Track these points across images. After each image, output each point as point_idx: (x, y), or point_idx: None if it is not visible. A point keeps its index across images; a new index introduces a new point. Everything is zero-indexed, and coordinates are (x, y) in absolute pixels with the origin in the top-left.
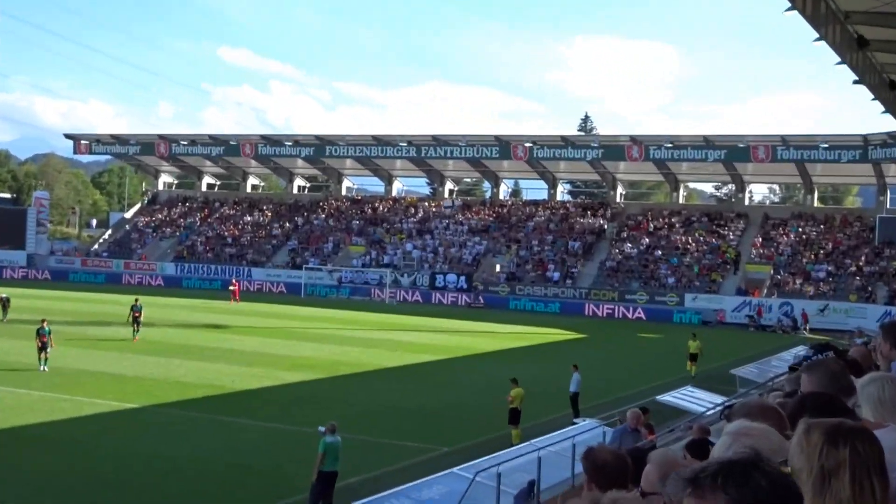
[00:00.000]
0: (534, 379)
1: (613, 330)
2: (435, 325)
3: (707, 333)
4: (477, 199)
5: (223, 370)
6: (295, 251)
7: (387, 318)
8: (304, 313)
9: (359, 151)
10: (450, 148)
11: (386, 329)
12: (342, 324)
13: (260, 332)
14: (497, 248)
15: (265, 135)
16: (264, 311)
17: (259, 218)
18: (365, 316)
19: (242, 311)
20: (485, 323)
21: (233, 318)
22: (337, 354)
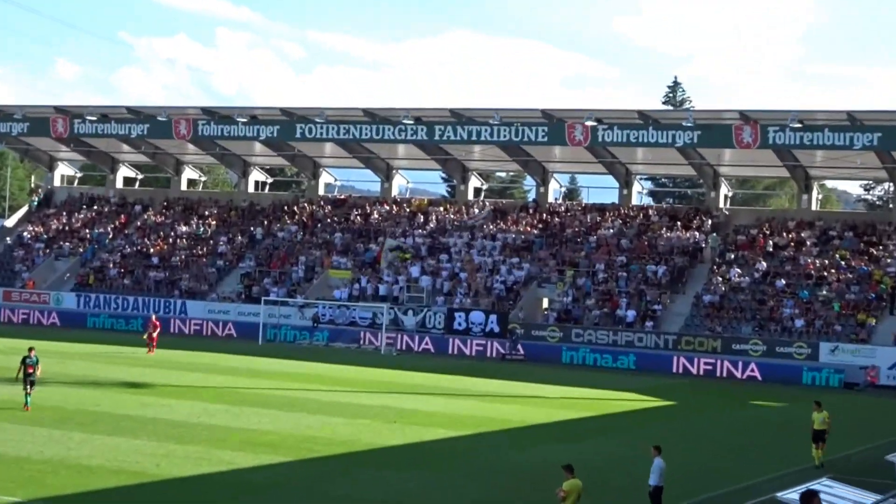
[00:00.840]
0: (597, 466)
1: (714, 395)
2: (453, 386)
3: (852, 401)
4: (515, 202)
5: (144, 449)
6: (250, 276)
7: (383, 374)
8: (263, 367)
9: (344, 132)
10: (476, 128)
11: (382, 391)
12: (318, 383)
13: (198, 393)
14: (545, 273)
15: (208, 107)
16: (204, 364)
17: (199, 228)
18: (351, 372)
19: (173, 364)
20: (526, 383)
21: (159, 374)
22: (310, 427)
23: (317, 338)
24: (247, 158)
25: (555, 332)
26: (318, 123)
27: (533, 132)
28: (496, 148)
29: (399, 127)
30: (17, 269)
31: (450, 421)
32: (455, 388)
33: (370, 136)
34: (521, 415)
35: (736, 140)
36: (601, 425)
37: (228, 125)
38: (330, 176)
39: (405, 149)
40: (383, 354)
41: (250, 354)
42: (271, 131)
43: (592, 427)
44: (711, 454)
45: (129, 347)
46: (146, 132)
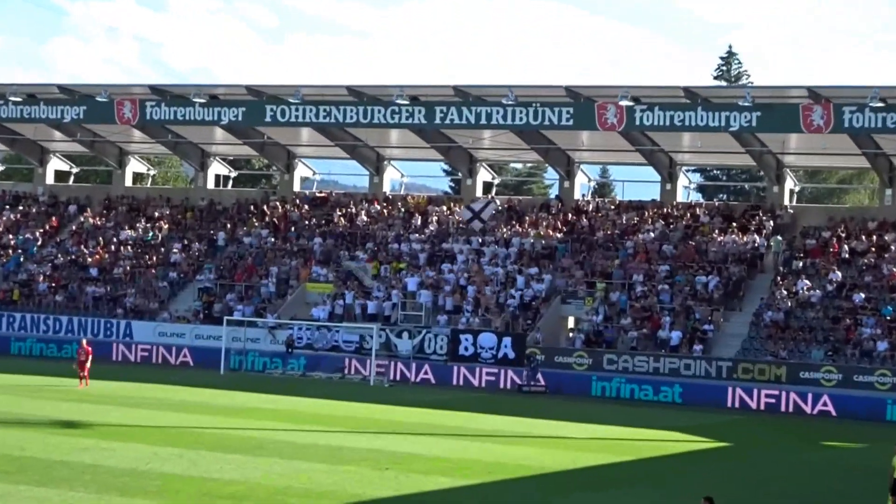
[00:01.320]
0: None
1: (777, 434)
2: (458, 425)
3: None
4: (534, 199)
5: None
6: (210, 291)
7: (372, 410)
8: (226, 402)
9: (324, 115)
10: (486, 109)
11: (371, 431)
12: (293, 421)
13: (146, 434)
14: (570, 287)
15: (158, 85)
16: (154, 399)
17: (147, 233)
18: (333, 407)
19: (115, 399)
20: (547, 421)
21: (98, 411)
22: (283, 476)
23: (291, 366)
24: (206, 148)
25: (583, 358)
26: (293, 105)
27: (555, 114)
28: (510, 134)
29: (391, 108)
30: None
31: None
32: (461, 428)
33: (356, 119)
34: (541, 459)
35: (804, 123)
36: (639, 472)
37: (183, 107)
38: (307, 169)
39: (399, 135)
40: (373, 386)
41: (210, 386)
42: (235, 114)
43: (628, 474)
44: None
45: (63, 379)
46: (82, 116)
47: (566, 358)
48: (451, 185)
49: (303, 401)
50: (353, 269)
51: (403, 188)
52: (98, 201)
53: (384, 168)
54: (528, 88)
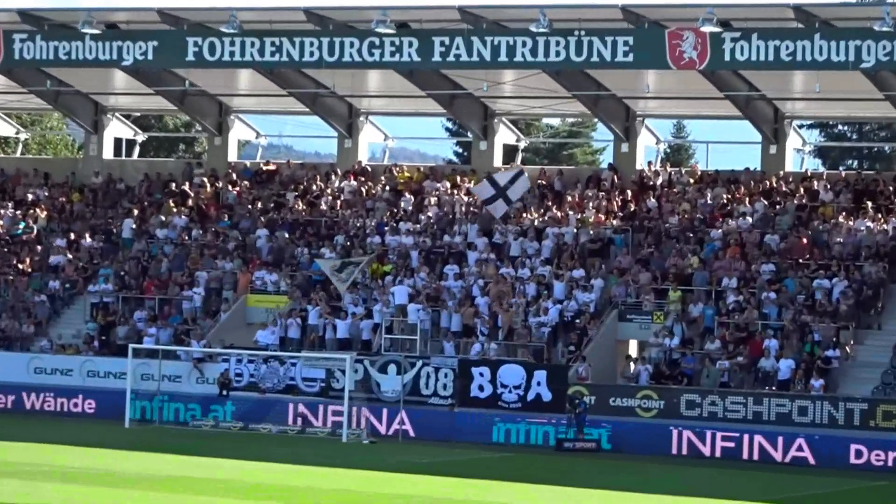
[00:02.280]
0: None
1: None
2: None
3: None
4: (579, 170)
5: None
6: (108, 309)
7: (345, 480)
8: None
9: (272, 51)
10: (506, 40)
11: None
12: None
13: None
14: (631, 296)
15: (30, 9)
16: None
17: (16, 224)
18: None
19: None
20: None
21: None
22: None
23: (228, 415)
24: (100, 100)
25: (650, 399)
26: (227, 36)
27: (608, 46)
28: (543, 75)
29: (369, 40)
30: None
31: None
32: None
33: (318, 56)
34: None
35: None
36: None
37: (68, 41)
38: (248, 129)
39: (381, 79)
40: (346, 443)
41: (109, 446)
42: (143, 51)
43: None
44: None
45: None
46: None
47: (626, 400)
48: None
49: (242, 465)
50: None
51: (388, 156)
52: None
53: (360, 127)
54: (568, 10)
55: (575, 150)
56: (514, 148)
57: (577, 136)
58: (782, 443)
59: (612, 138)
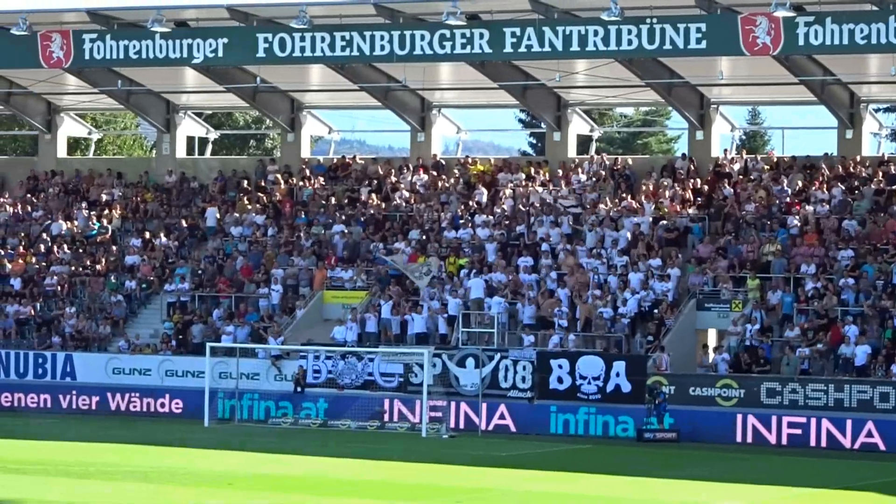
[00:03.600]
0: None
1: None
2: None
3: None
4: (653, 159)
5: None
6: (185, 308)
7: (427, 474)
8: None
9: (342, 45)
10: (578, 29)
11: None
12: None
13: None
14: (708, 285)
15: (99, 9)
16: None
17: (90, 225)
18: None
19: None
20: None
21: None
22: None
23: (306, 412)
24: (172, 99)
25: (730, 388)
26: (297, 31)
27: (680, 34)
28: (616, 64)
29: (440, 32)
30: None
31: None
32: (556, 495)
33: (389, 50)
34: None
35: None
36: None
37: (138, 40)
38: (320, 125)
39: (452, 71)
40: (426, 438)
41: (190, 445)
42: (214, 49)
43: None
44: None
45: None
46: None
47: (706, 389)
48: (532, 142)
49: (323, 461)
50: (402, 266)
51: (461, 149)
52: (18, 181)
53: (432, 120)
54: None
55: (649, 139)
56: (588, 138)
57: (652, 124)
58: (863, 428)
59: (686, 126)
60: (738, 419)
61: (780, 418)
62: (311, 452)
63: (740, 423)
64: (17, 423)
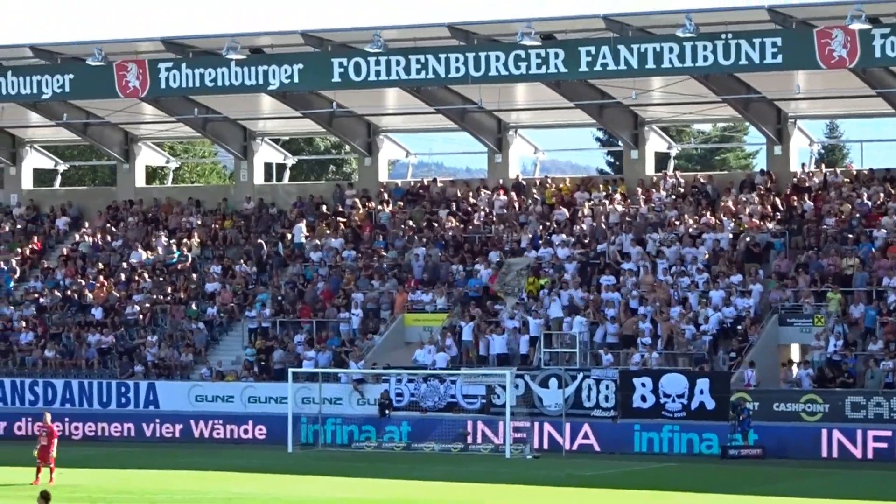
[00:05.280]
0: None
1: None
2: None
3: None
4: (732, 174)
5: None
6: (266, 334)
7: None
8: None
9: (418, 69)
10: (653, 46)
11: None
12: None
13: None
14: (789, 300)
15: (174, 38)
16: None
17: (171, 253)
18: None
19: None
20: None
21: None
22: None
23: (389, 435)
24: (249, 126)
25: (815, 403)
26: (372, 56)
27: (755, 49)
28: (692, 80)
29: (515, 53)
30: None
31: None
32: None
33: (464, 72)
34: None
35: None
36: None
37: (213, 68)
38: (397, 148)
39: (528, 92)
40: (510, 459)
41: (274, 470)
42: (289, 74)
43: None
44: None
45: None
46: (69, 88)
47: (790, 405)
48: (610, 160)
49: (407, 484)
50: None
51: (539, 169)
52: (98, 211)
53: (509, 141)
54: (712, 13)
55: (727, 154)
56: (666, 155)
57: (729, 140)
58: None
59: (764, 141)
60: (823, 434)
61: (865, 432)
62: (396, 476)
63: (825, 438)
64: (101, 453)
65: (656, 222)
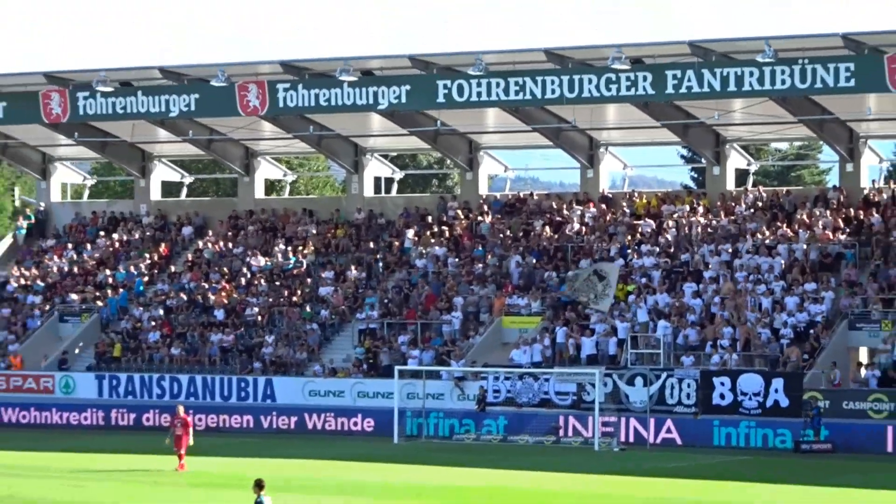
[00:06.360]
0: None
1: None
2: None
3: None
4: (806, 190)
5: None
6: (374, 334)
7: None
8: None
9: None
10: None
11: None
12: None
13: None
14: (859, 307)
15: (292, 61)
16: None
17: (287, 259)
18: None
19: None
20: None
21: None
22: None
23: (487, 429)
24: (359, 142)
25: (881, 402)
26: (474, 78)
27: (830, 73)
28: (770, 103)
29: (606, 76)
30: (1, 338)
31: None
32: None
33: (559, 93)
34: None
35: None
36: None
37: (327, 89)
38: (496, 163)
39: (618, 112)
40: (598, 451)
41: (382, 460)
42: (397, 95)
43: None
44: None
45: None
46: (194, 107)
47: (858, 403)
48: (693, 176)
49: (504, 474)
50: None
51: (627, 184)
52: (220, 220)
53: (600, 158)
54: (790, 40)
55: (802, 171)
56: (746, 171)
57: (804, 158)
58: None
59: (837, 159)
60: (889, 431)
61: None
62: (493, 466)
63: (891, 434)
64: (222, 443)
65: (736, 234)
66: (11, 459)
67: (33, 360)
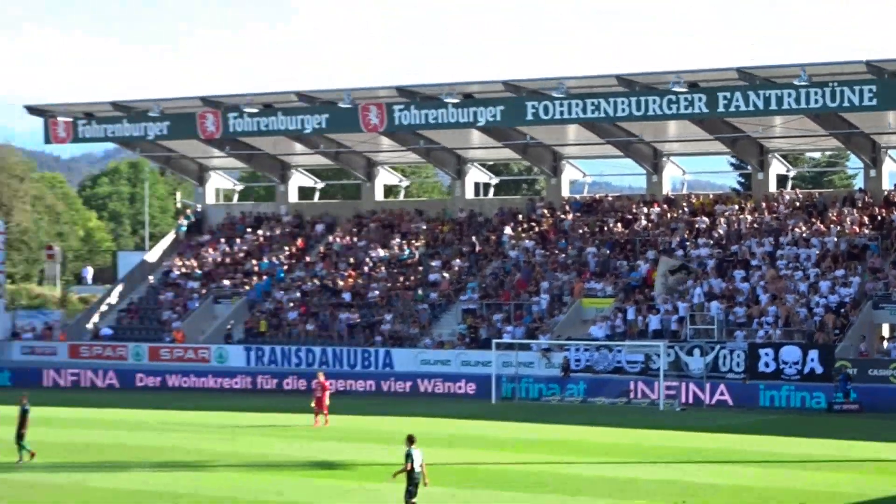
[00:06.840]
0: None
1: None
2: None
3: None
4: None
5: None
6: (475, 313)
7: (663, 437)
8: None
9: (592, 109)
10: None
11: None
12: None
13: None
14: (881, 290)
15: (406, 86)
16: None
17: (402, 251)
18: (619, 436)
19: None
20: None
21: (356, 450)
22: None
23: (569, 392)
24: (462, 153)
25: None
26: (557, 100)
27: (856, 94)
28: (805, 119)
29: (668, 97)
30: (166, 317)
31: (761, 498)
32: (764, 454)
33: (628, 112)
34: (859, 485)
35: None
36: None
37: (435, 109)
38: (576, 170)
39: (678, 127)
40: (662, 411)
41: (481, 417)
42: (493, 114)
43: None
44: None
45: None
46: (325, 125)
47: (881, 370)
48: (741, 180)
49: (584, 430)
50: (673, 268)
51: (686, 187)
52: (347, 219)
53: (663, 165)
54: (822, 66)
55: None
56: (785, 177)
57: (834, 165)
58: None
59: (862, 166)
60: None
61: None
62: (575, 423)
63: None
64: (350, 404)
65: (777, 229)
66: (176, 417)
67: (193, 335)
